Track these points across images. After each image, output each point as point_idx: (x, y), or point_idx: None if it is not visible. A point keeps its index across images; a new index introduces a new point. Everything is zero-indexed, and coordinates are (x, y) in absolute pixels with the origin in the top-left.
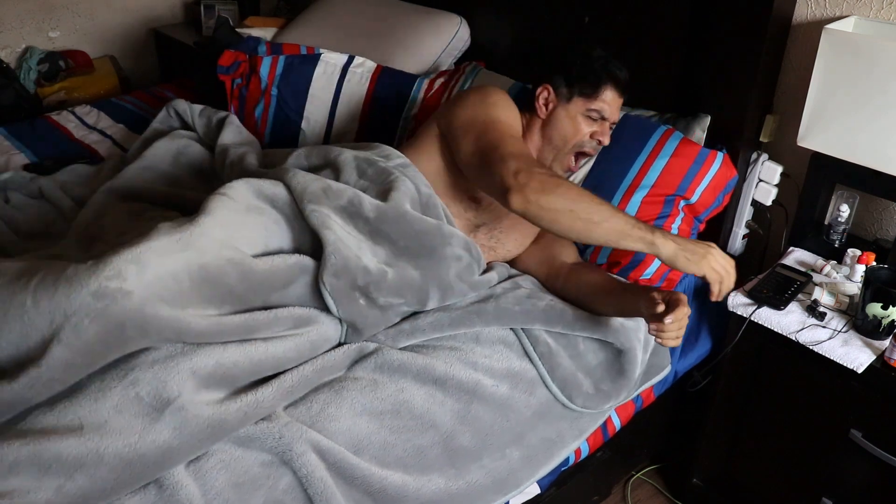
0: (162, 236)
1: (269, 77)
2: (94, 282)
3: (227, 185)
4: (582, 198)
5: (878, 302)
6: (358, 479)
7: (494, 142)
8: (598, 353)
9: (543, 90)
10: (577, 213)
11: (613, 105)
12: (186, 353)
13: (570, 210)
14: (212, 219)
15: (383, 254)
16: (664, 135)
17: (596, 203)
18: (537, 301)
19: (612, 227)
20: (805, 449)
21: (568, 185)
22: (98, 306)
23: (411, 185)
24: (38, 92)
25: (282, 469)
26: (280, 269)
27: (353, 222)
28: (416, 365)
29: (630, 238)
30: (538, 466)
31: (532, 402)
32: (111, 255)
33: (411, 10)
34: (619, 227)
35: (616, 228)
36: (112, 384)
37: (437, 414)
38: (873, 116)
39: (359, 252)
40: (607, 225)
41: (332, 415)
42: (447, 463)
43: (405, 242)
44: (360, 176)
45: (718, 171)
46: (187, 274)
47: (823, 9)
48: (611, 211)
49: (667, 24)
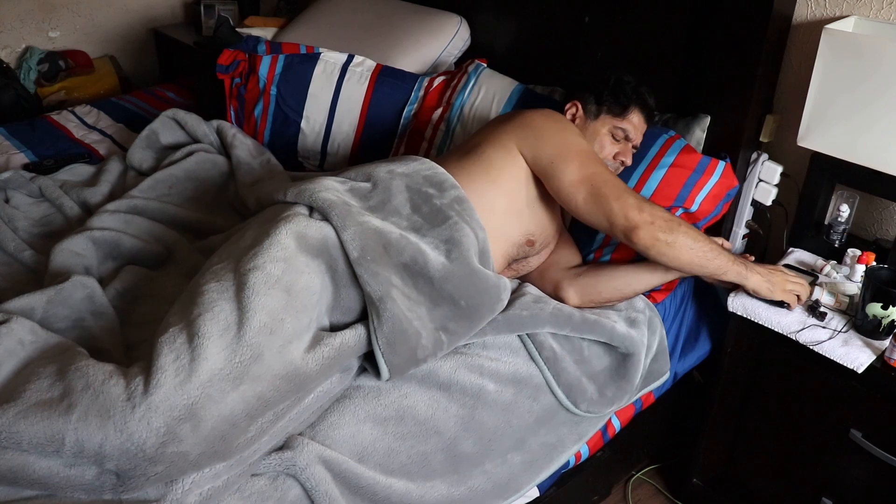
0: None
1: (268, 76)
2: (151, 447)
3: (264, 245)
4: (698, 238)
5: (878, 302)
6: (363, 489)
7: (602, 174)
8: (603, 358)
9: (572, 106)
10: (695, 251)
11: (639, 128)
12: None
13: (691, 248)
14: (257, 319)
15: (440, 316)
16: (666, 143)
17: (707, 242)
18: (545, 305)
19: (720, 264)
20: (805, 449)
21: (686, 225)
22: (157, 470)
23: (471, 234)
24: (38, 92)
25: (289, 482)
26: (330, 362)
27: (415, 282)
28: (420, 370)
29: (730, 273)
30: (539, 471)
31: (535, 408)
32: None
33: (411, 10)
34: (723, 263)
35: (721, 265)
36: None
37: (441, 419)
38: (873, 116)
39: (418, 324)
40: (717, 262)
41: (336, 422)
42: (450, 469)
43: (467, 302)
44: (413, 210)
45: (719, 181)
46: (245, 413)
47: (823, 9)
48: (715, 249)
49: (667, 24)
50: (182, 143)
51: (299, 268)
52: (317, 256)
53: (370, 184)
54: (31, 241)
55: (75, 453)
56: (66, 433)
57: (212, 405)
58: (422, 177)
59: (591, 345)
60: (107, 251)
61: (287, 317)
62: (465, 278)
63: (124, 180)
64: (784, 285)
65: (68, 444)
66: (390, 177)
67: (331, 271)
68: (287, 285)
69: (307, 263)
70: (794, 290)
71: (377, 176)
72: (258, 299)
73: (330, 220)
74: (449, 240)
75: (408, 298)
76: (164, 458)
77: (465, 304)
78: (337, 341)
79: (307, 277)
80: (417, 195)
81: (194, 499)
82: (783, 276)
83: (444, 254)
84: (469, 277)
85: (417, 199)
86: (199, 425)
